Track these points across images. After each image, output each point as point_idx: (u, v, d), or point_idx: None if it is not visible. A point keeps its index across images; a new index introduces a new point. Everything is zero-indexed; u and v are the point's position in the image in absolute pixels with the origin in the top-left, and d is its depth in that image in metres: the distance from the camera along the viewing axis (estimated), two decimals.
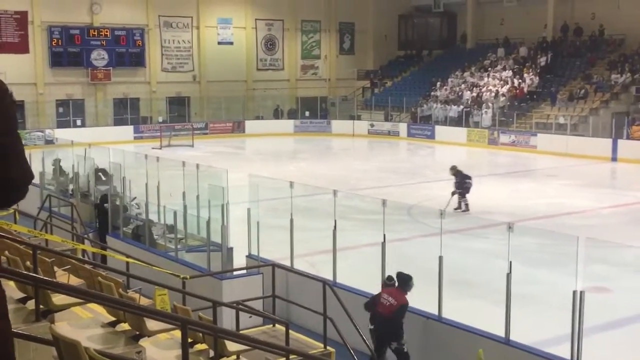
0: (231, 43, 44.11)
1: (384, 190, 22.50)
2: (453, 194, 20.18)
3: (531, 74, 39.34)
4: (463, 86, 41.31)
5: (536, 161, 32.53)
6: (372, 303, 9.92)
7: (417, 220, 19.31)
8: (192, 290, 10.10)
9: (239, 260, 13.31)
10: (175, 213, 14.63)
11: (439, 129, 38.92)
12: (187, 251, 14.13)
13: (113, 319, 6.94)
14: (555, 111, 35.96)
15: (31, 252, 7.79)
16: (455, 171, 20.59)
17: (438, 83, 42.85)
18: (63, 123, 38.04)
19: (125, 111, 40.69)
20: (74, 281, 8.36)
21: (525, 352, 9.17)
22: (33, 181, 1.99)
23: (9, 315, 1.95)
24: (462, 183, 20.25)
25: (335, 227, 12.02)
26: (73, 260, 9.14)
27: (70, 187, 19.02)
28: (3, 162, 1.84)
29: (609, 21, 38.73)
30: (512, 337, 9.35)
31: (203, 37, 42.91)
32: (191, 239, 14.51)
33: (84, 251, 12.97)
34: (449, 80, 42.67)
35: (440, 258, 10.20)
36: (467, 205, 20.05)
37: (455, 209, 19.87)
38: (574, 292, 8.63)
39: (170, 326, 6.77)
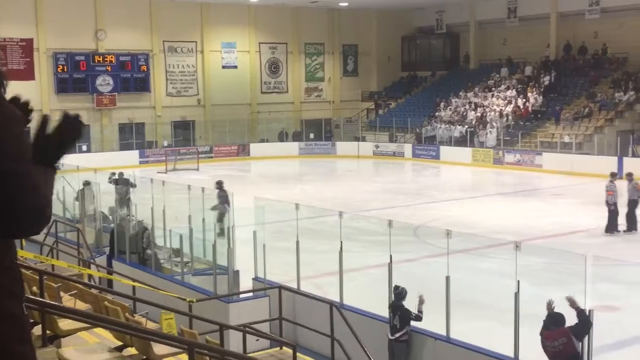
0: (235, 67, 44.35)
1: (389, 211, 22.46)
2: (214, 208, 18.12)
3: (535, 93, 39.41)
4: (467, 106, 41.39)
5: (542, 180, 32.46)
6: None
7: (423, 240, 19.27)
8: (198, 314, 10.08)
9: (246, 283, 13.28)
10: (181, 237, 14.64)
11: (444, 150, 38.94)
12: (193, 275, 14.11)
13: (120, 343, 6.93)
14: (560, 130, 35.96)
15: (37, 277, 7.80)
16: (221, 188, 18.98)
17: (442, 104, 42.94)
18: None
19: (131, 136, 40.83)
20: (81, 306, 8.35)
21: None
22: None
23: (32, 341, 1.94)
24: (221, 205, 18.20)
25: (341, 248, 12.00)
26: (79, 285, 9.13)
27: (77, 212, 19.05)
28: (14, 191, 1.75)
29: (611, 40, 38.83)
30: (521, 357, 9.29)
31: (207, 62, 43.16)
32: (197, 262, 14.50)
33: (90, 276, 12.96)
34: (453, 100, 42.76)
35: (448, 278, 10.17)
36: (223, 230, 17.14)
37: (219, 234, 16.94)
38: None
39: (177, 350, 6.75)
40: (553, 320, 8.79)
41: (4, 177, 1.73)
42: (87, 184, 18.82)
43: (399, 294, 10.36)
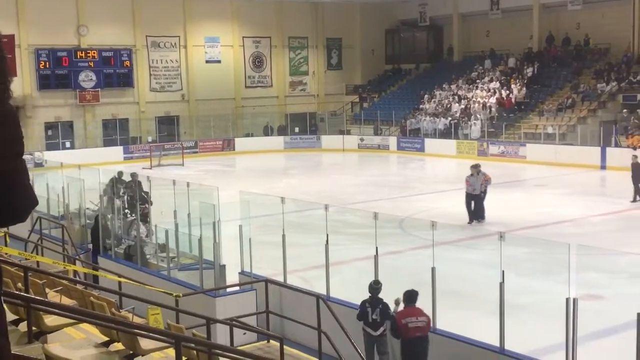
0: (219, 61, 44.19)
1: (375, 204, 22.50)
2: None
3: (518, 84, 39.57)
4: (451, 99, 41.49)
5: (526, 171, 32.63)
6: (398, 330, 9.69)
7: (409, 232, 19.33)
8: (185, 309, 10.06)
9: (232, 277, 13.28)
10: (167, 232, 14.60)
11: (429, 142, 39.05)
12: (179, 269, 14.09)
13: (106, 339, 6.91)
14: (544, 121, 36.14)
15: (22, 274, 7.76)
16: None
17: (426, 96, 43.02)
18: (52, 145, 37.94)
19: (115, 132, 40.63)
20: (66, 302, 8.31)
21: None
22: None
23: (8, 335, 1.92)
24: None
25: (327, 242, 12.01)
26: (64, 281, 9.09)
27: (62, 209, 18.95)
28: (9, 191, 1.75)
29: (594, 31, 39.05)
30: (507, 347, 9.36)
31: (191, 56, 42.98)
32: (183, 257, 14.48)
33: (75, 272, 12.91)
34: (437, 93, 42.85)
35: (433, 269, 10.21)
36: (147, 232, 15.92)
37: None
38: (567, 300, 8.65)
39: (164, 344, 6.74)
40: (412, 297, 9.71)
41: (2, 177, 1.73)
42: (122, 176, 18.45)
43: (379, 288, 10.26)
